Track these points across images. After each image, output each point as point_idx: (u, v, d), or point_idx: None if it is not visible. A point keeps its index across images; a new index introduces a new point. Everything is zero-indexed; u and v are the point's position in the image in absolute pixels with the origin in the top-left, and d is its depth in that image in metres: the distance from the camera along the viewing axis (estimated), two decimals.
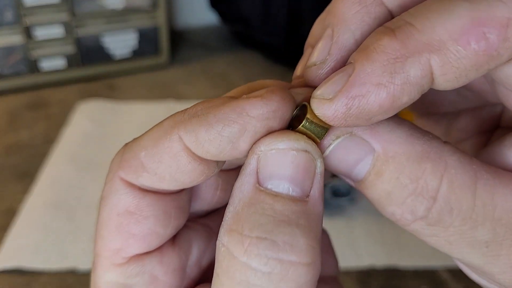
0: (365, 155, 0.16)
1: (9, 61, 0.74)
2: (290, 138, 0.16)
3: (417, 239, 0.47)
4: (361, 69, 0.15)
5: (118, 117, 0.68)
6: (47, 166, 0.58)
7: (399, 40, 0.14)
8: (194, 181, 0.18)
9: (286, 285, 0.15)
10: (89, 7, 0.75)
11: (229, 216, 0.16)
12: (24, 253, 0.46)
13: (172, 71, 0.84)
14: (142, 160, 0.18)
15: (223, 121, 0.16)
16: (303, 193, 0.16)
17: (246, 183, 0.16)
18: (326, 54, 0.17)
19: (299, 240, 0.15)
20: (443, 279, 0.45)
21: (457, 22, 0.14)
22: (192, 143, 0.16)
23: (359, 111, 0.15)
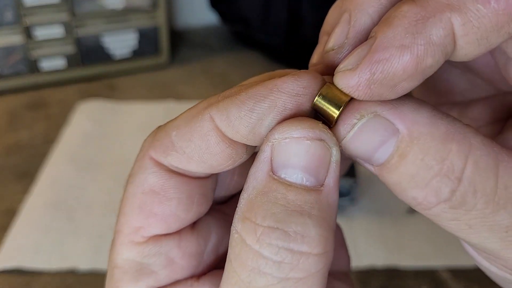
0: (389, 136, 0.16)
1: (9, 61, 0.74)
2: (305, 126, 0.16)
3: (417, 239, 0.47)
4: (383, 36, 0.15)
5: (118, 117, 0.68)
6: (47, 166, 0.58)
7: (418, 5, 0.14)
8: (221, 164, 0.18)
9: (296, 274, 0.15)
10: (89, 7, 0.75)
11: (242, 203, 0.16)
12: (24, 253, 0.46)
13: (172, 71, 0.84)
14: (173, 138, 0.18)
15: (254, 97, 0.16)
16: (317, 182, 0.16)
17: (260, 170, 0.16)
18: (344, 38, 0.17)
19: (311, 230, 0.15)
20: (443, 279, 0.45)
21: None
22: (223, 121, 0.17)
23: (383, 76, 0.14)
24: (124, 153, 0.61)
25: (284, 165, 0.16)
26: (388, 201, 0.54)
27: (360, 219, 0.51)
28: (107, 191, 0.54)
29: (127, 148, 0.62)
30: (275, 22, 0.79)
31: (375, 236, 0.49)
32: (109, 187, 0.55)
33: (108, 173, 0.57)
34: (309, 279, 0.15)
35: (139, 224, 0.19)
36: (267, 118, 0.16)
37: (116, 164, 0.59)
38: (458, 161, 0.15)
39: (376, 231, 0.50)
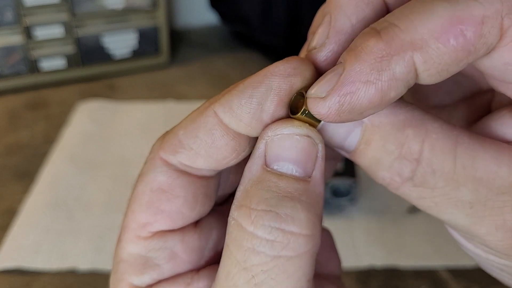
0: (355, 126, 0.18)
1: (9, 61, 0.74)
2: (294, 125, 0.18)
3: (417, 239, 0.47)
4: (350, 69, 0.16)
5: (118, 117, 0.68)
6: (47, 166, 0.58)
7: (384, 40, 0.16)
8: (226, 158, 0.19)
9: (287, 252, 0.17)
10: (89, 7, 0.75)
11: (239, 194, 0.18)
12: (24, 253, 0.46)
13: (172, 71, 0.84)
14: (180, 137, 0.20)
15: (251, 85, 0.18)
16: (305, 173, 0.18)
17: (255, 164, 0.18)
18: (325, 38, 0.19)
19: (300, 213, 0.17)
20: (443, 279, 0.45)
21: (437, 21, 0.15)
22: (226, 113, 0.18)
23: (351, 107, 0.16)
24: (124, 153, 0.61)
25: (277, 158, 0.18)
26: (388, 201, 0.54)
27: (360, 219, 0.51)
28: (107, 191, 0.55)
29: (127, 148, 0.62)
30: (275, 22, 0.79)
31: (375, 236, 0.49)
32: (109, 187, 0.55)
33: (108, 173, 0.57)
34: (298, 258, 0.17)
35: (146, 220, 0.20)
36: (266, 102, 0.18)
37: (116, 164, 0.59)
38: (414, 145, 0.17)
39: (375, 231, 0.50)
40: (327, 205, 0.51)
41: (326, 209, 0.51)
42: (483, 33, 0.15)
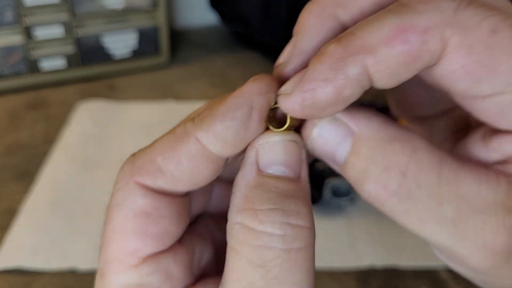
0: (346, 136, 0.20)
1: (9, 61, 0.75)
2: (283, 133, 0.20)
3: (416, 239, 0.47)
4: (312, 69, 0.18)
5: (118, 117, 0.68)
6: (47, 166, 0.59)
7: (342, 45, 0.18)
8: (207, 180, 0.21)
9: (297, 244, 0.18)
10: (89, 7, 0.75)
11: (237, 201, 0.19)
12: (24, 253, 0.47)
13: (172, 71, 0.84)
14: (160, 164, 0.20)
15: (233, 107, 0.20)
16: (295, 174, 0.20)
17: (250, 171, 0.20)
18: (289, 57, 0.22)
19: (302, 208, 0.19)
20: (443, 279, 0.45)
21: (386, 29, 0.18)
22: (210, 139, 0.19)
23: (311, 102, 0.18)
24: (124, 153, 0.60)
25: (270, 163, 0.20)
26: None
27: (360, 219, 0.51)
28: (107, 191, 0.54)
29: (127, 148, 0.62)
30: (275, 22, 0.79)
31: (375, 236, 0.49)
32: (109, 187, 0.55)
33: (108, 173, 0.57)
34: (306, 248, 0.19)
35: (135, 246, 0.20)
36: (249, 120, 0.20)
37: (117, 164, 0.58)
38: (402, 158, 0.18)
39: (375, 231, 0.50)
40: (327, 205, 0.52)
41: (326, 209, 0.52)
42: (427, 40, 0.17)
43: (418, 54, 0.17)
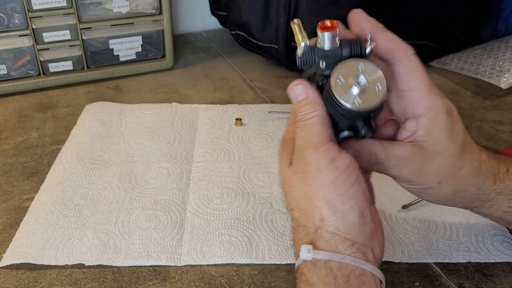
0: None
1: (18, 64, 0.76)
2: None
3: (410, 236, 0.49)
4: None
5: (123, 118, 0.70)
6: (55, 165, 0.60)
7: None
8: None
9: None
10: (95, 11, 0.76)
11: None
12: (33, 249, 0.48)
13: (176, 74, 0.85)
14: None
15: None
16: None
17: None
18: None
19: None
20: (436, 275, 0.46)
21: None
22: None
23: None
24: (129, 153, 0.62)
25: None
26: (383, 198, 0.55)
27: None
28: (112, 189, 0.56)
29: (132, 148, 0.63)
30: (275, 27, 0.80)
31: None
32: (115, 185, 0.57)
33: (114, 172, 0.59)
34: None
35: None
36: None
37: (122, 164, 0.60)
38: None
39: None
40: None
41: None
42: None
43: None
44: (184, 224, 0.51)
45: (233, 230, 0.50)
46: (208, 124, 0.68)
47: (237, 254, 0.48)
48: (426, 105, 0.37)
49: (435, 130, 0.37)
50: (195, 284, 0.45)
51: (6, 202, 0.54)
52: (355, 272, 0.34)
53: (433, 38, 0.85)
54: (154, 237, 0.50)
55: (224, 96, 0.77)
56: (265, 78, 0.83)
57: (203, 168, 0.60)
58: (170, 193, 0.55)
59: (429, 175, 0.39)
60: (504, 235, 0.51)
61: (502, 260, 0.48)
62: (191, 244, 0.49)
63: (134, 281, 0.45)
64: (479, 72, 0.85)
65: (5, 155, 0.62)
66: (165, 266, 0.47)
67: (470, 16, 0.87)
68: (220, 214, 0.53)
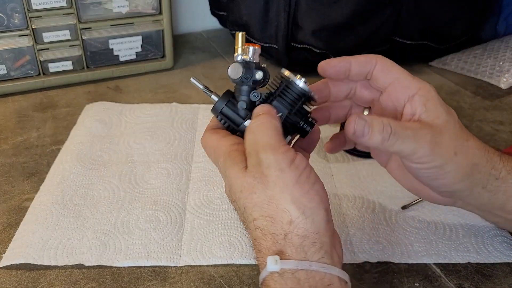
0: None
1: (18, 64, 0.76)
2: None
3: (410, 236, 0.49)
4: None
5: (123, 118, 0.70)
6: (54, 165, 0.60)
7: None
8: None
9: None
10: (95, 11, 0.76)
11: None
12: (32, 250, 0.48)
13: (176, 74, 0.85)
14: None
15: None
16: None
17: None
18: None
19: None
20: (436, 275, 0.46)
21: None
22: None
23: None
24: (129, 153, 0.62)
25: None
26: (382, 198, 0.55)
27: (355, 217, 0.53)
28: (112, 190, 0.56)
29: (132, 148, 0.63)
30: (274, 27, 0.80)
31: (369, 233, 0.51)
32: (115, 185, 0.57)
33: (114, 172, 0.59)
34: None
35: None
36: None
37: (122, 164, 0.60)
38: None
39: (370, 228, 0.51)
40: None
41: None
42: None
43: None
44: (184, 224, 0.51)
45: (233, 231, 0.51)
46: (208, 124, 0.68)
47: (237, 255, 0.48)
48: (416, 85, 0.41)
49: (431, 104, 0.40)
50: (194, 285, 0.45)
51: (6, 202, 0.54)
52: (323, 281, 0.33)
53: (433, 38, 0.85)
54: (153, 237, 0.50)
55: None
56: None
57: (203, 168, 0.60)
58: (169, 194, 0.55)
59: (444, 146, 0.39)
60: (504, 236, 0.51)
61: (502, 261, 0.48)
62: (190, 244, 0.49)
63: (134, 282, 0.45)
64: (479, 72, 0.85)
65: (5, 155, 0.62)
66: (165, 267, 0.47)
67: (470, 16, 0.87)
68: (220, 214, 0.53)
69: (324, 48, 0.79)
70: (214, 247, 0.49)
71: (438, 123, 0.39)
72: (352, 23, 0.77)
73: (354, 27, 0.77)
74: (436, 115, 0.40)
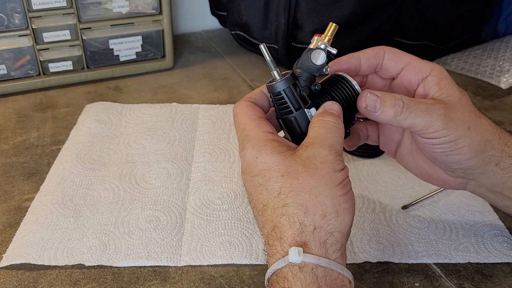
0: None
1: (18, 64, 0.76)
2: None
3: (410, 236, 0.49)
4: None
5: (123, 118, 0.70)
6: (54, 165, 0.60)
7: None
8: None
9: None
10: (95, 11, 0.76)
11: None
12: (33, 250, 0.48)
13: (176, 74, 0.85)
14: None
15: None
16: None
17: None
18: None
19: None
20: (436, 275, 0.46)
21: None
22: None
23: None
24: (129, 153, 0.62)
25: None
26: (383, 198, 0.55)
27: (356, 217, 0.53)
28: (112, 190, 0.56)
29: (132, 148, 0.63)
30: (274, 27, 0.80)
31: (370, 233, 0.51)
32: (115, 185, 0.57)
33: (114, 172, 0.59)
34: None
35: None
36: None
37: (122, 164, 0.60)
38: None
39: (370, 228, 0.51)
40: None
41: None
42: None
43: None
44: (184, 224, 0.51)
45: (233, 231, 0.51)
46: (208, 124, 0.68)
47: (237, 255, 0.48)
48: (428, 67, 0.43)
49: (444, 83, 0.42)
50: (195, 285, 0.45)
51: (6, 202, 0.54)
52: (337, 281, 0.34)
53: (433, 38, 0.85)
54: (154, 237, 0.50)
55: (224, 96, 0.77)
56: (265, 78, 0.83)
57: (203, 168, 0.60)
58: (170, 194, 0.55)
59: (458, 120, 0.40)
60: (504, 236, 0.51)
61: (502, 261, 0.48)
62: (191, 244, 0.49)
63: (134, 282, 0.45)
64: (479, 72, 0.85)
65: (5, 155, 0.62)
66: (165, 267, 0.47)
67: (470, 16, 0.87)
68: (220, 214, 0.53)
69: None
70: (214, 247, 0.49)
71: (452, 100, 0.41)
72: (352, 23, 0.77)
73: (354, 27, 0.77)
74: (450, 93, 0.41)
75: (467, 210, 0.54)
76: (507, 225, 0.52)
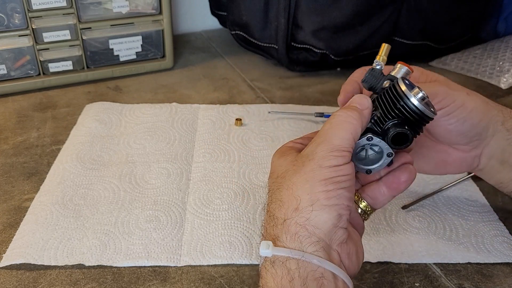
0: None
1: (18, 64, 0.76)
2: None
3: (410, 236, 0.48)
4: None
5: (123, 118, 0.70)
6: (54, 165, 0.60)
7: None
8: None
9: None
10: (95, 11, 0.76)
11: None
12: (32, 250, 0.48)
13: (176, 74, 0.85)
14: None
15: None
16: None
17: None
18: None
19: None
20: (436, 275, 0.46)
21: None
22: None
23: None
24: (129, 153, 0.62)
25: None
26: None
27: None
28: (112, 190, 0.56)
29: (132, 148, 0.63)
30: (275, 27, 0.80)
31: (370, 233, 0.51)
32: (115, 185, 0.57)
33: (114, 172, 0.59)
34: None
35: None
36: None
37: (122, 164, 0.60)
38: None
39: (370, 228, 0.51)
40: None
41: None
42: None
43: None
44: (184, 224, 0.51)
45: (233, 231, 0.51)
46: (208, 124, 0.68)
47: (237, 255, 0.48)
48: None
49: (426, 73, 0.47)
50: (195, 285, 0.45)
51: (6, 202, 0.54)
52: (314, 274, 0.32)
53: (433, 38, 0.85)
54: (154, 237, 0.50)
55: (224, 96, 0.77)
56: (265, 78, 0.83)
57: (203, 168, 0.60)
58: (170, 194, 0.56)
59: (456, 89, 0.45)
60: (504, 236, 0.51)
61: (502, 261, 0.48)
62: (191, 244, 0.49)
63: (134, 282, 0.45)
64: (479, 72, 0.85)
65: (5, 155, 0.62)
66: (165, 267, 0.47)
67: (470, 16, 0.87)
68: (220, 214, 0.53)
69: (324, 48, 0.80)
70: (214, 247, 0.49)
71: (439, 78, 0.47)
72: (352, 23, 0.77)
73: (354, 27, 0.77)
74: (435, 77, 0.48)
75: (467, 210, 0.54)
76: (507, 225, 0.52)
